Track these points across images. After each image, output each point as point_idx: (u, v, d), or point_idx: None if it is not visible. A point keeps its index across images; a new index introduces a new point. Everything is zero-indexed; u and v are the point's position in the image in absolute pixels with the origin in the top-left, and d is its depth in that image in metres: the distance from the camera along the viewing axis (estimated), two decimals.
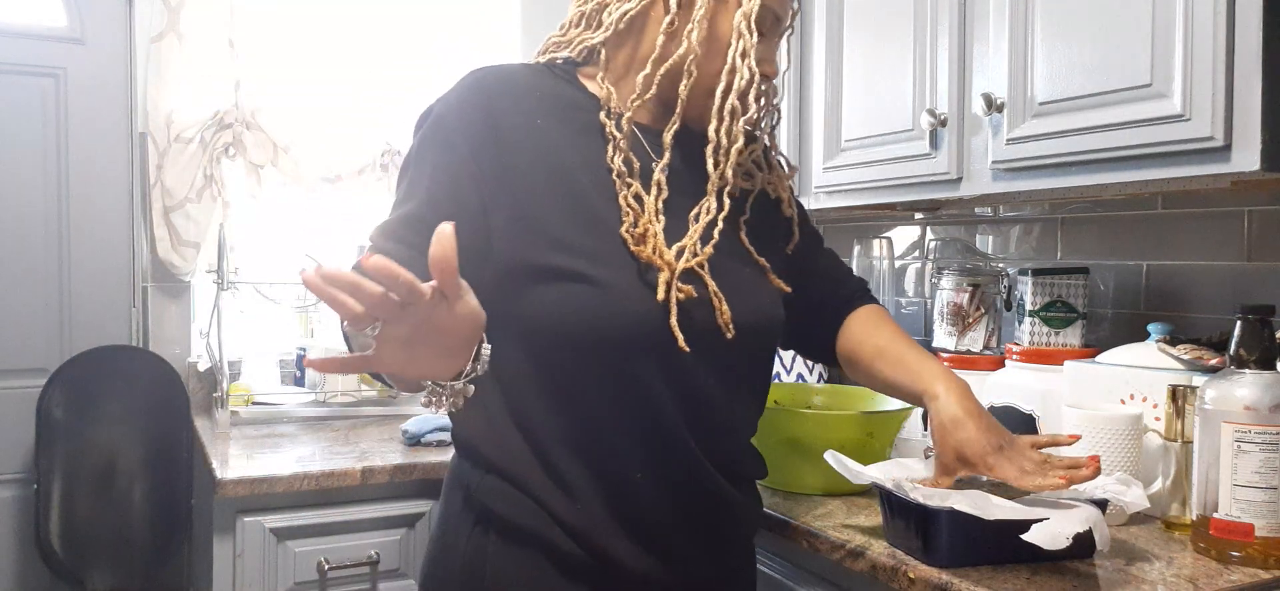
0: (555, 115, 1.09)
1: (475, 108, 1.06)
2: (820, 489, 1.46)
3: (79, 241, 2.43)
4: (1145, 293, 1.67)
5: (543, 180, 1.05)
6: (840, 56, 1.79)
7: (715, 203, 1.09)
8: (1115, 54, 1.26)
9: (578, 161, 1.07)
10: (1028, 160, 1.39)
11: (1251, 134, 1.12)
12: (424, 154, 1.07)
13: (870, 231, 2.26)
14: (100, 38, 2.43)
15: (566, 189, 1.05)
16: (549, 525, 1.05)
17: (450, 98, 1.09)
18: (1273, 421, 1.11)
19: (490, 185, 1.04)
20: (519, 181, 1.04)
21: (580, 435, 1.05)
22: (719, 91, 1.09)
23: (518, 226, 1.03)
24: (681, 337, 1.02)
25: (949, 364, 1.77)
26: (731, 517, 1.16)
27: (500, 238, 1.03)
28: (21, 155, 2.37)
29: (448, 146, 1.05)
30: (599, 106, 1.11)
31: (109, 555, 2.31)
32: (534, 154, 1.06)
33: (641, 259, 1.04)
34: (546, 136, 1.07)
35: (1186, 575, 1.11)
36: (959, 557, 1.12)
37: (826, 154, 1.83)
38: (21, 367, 2.38)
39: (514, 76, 1.11)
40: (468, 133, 1.05)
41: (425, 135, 1.08)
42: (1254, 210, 1.51)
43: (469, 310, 0.78)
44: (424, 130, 1.09)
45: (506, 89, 1.09)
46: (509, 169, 1.04)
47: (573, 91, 1.13)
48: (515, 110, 1.07)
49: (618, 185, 1.07)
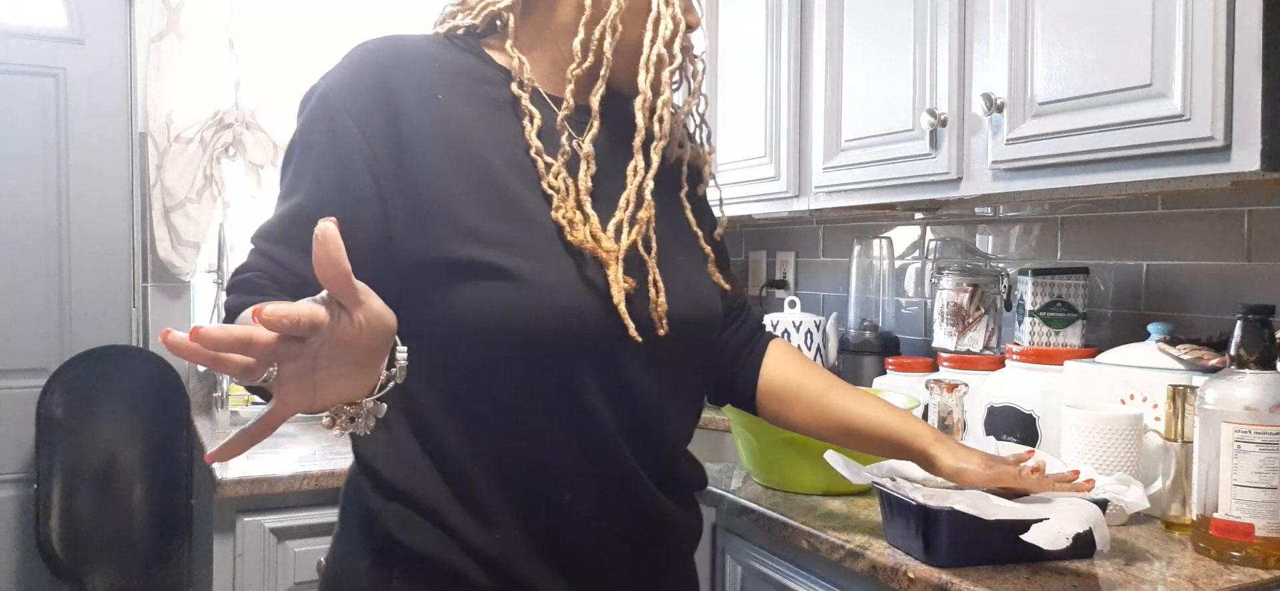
0: (459, 89, 0.97)
1: (366, 83, 0.94)
2: (820, 489, 1.46)
3: (79, 241, 2.43)
4: (1145, 292, 1.67)
5: (448, 162, 0.93)
6: (840, 56, 1.79)
7: (643, 160, 0.98)
8: (1115, 54, 1.26)
9: (488, 140, 0.95)
10: (1028, 160, 1.39)
11: (1251, 134, 1.12)
12: (310, 138, 0.94)
13: (870, 231, 2.26)
14: (100, 38, 2.43)
15: (476, 171, 0.93)
16: (461, 557, 0.93)
17: (336, 73, 0.96)
18: (1273, 421, 1.11)
19: (387, 170, 0.92)
20: (420, 164, 0.92)
21: (499, 453, 0.93)
22: (646, 41, 0.99)
23: (421, 216, 0.91)
24: (633, 328, 0.92)
25: (949, 364, 1.78)
26: (670, 536, 1.04)
27: (402, 229, 0.91)
28: (21, 155, 2.37)
29: (336, 128, 0.92)
30: (508, 79, 0.99)
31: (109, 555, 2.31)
32: (436, 133, 0.93)
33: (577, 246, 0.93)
34: (450, 113, 0.95)
35: (1186, 575, 1.11)
36: (959, 557, 1.12)
37: (826, 154, 1.83)
38: (21, 367, 2.39)
39: (410, 47, 0.98)
40: (358, 111, 0.92)
41: (310, 117, 0.94)
42: (1254, 210, 1.51)
43: (373, 314, 0.67)
44: (308, 111, 0.95)
45: (401, 60, 0.96)
46: (408, 150, 0.92)
47: (478, 63, 1.00)
48: (413, 84, 0.95)
49: (538, 165, 0.95)
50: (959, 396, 1.56)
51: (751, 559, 1.48)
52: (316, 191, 0.92)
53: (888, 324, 2.19)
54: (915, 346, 2.13)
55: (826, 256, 2.45)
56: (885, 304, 2.21)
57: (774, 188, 1.99)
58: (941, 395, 1.56)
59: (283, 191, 0.95)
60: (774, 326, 2.13)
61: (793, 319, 2.12)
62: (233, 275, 0.93)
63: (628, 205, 0.96)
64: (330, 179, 0.92)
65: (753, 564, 1.47)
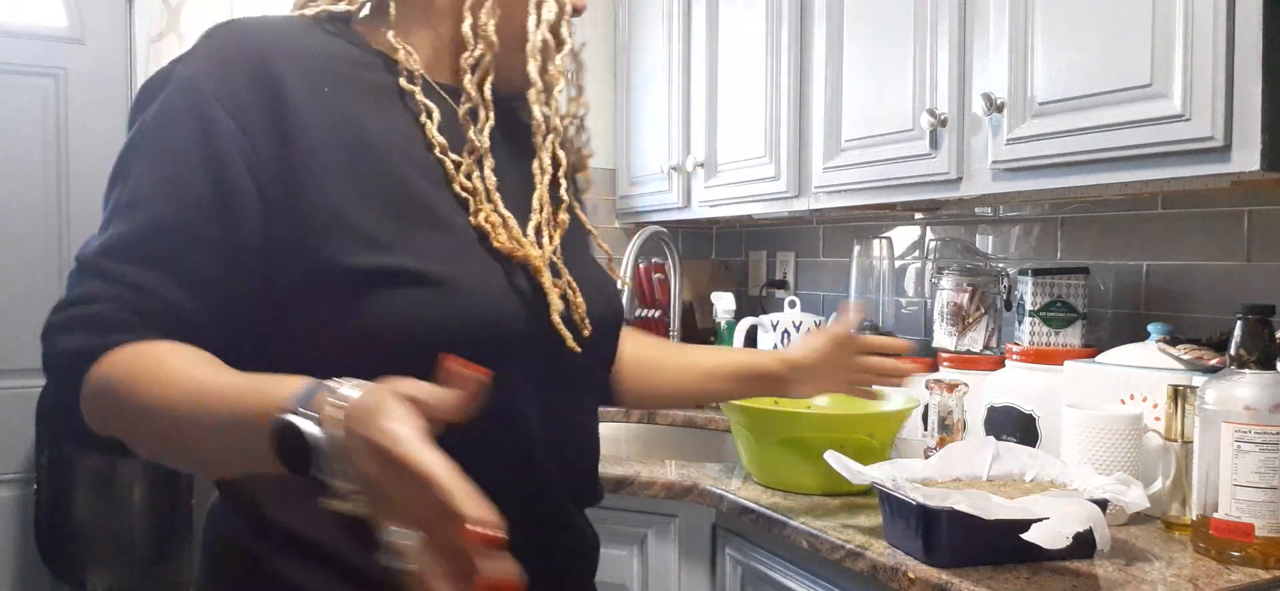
0: (341, 79, 0.86)
1: (242, 69, 0.81)
2: (820, 489, 1.46)
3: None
4: (1145, 292, 1.67)
5: (343, 162, 0.82)
6: (840, 56, 1.79)
7: (549, 159, 0.92)
8: (1115, 54, 1.26)
9: (382, 136, 0.85)
10: (1028, 160, 1.39)
11: (1251, 134, 1.12)
12: (167, 133, 0.79)
13: (870, 231, 2.26)
14: (100, 38, 2.43)
15: (376, 171, 0.83)
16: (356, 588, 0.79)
17: (200, 57, 0.82)
18: (1273, 421, 1.11)
19: (270, 170, 0.79)
20: (312, 165, 0.80)
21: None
22: (530, 26, 0.92)
23: (317, 222, 0.80)
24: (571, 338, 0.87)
25: (949, 364, 1.78)
26: (584, 556, 0.98)
27: (289, 238, 0.79)
28: (21, 155, 2.37)
29: (206, 121, 0.79)
30: (387, 66, 0.89)
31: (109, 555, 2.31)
32: (324, 127, 0.82)
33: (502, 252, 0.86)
34: (337, 105, 0.84)
35: (1186, 575, 1.11)
36: (959, 557, 1.12)
37: (826, 154, 1.83)
38: (21, 367, 2.38)
39: (283, 30, 0.86)
40: (234, 103, 0.79)
41: (167, 108, 0.80)
42: (1254, 210, 1.51)
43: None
44: (163, 101, 0.80)
45: (279, 45, 0.84)
46: (297, 148, 0.80)
47: (354, 50, 0.89)
48: (294, 72, 0.83)
49: (446, 164, 0.87)
50: (959, 396, 1.56)
51: (751, 559, 1.48)
52: (183, 196, 0.77)
53: (888, 324, 2.19)
54: (915, 346, 2.13)
55: (826, 256, 2.45)
56: (885, 304, 2.21)
57: (774, 188, 2.00)
58: (941, 395, 1.56)
59: (127, 197, 0.78)
60: (774, 326, 2.13)
61: (793, 319, 2.12)
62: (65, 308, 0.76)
63: (541, 207, 0.91)
64: (199, 181, 0.77)
65: (753, 564, 1.47)
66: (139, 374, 0.73)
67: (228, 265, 0.79)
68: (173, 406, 0.72)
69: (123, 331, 0.75)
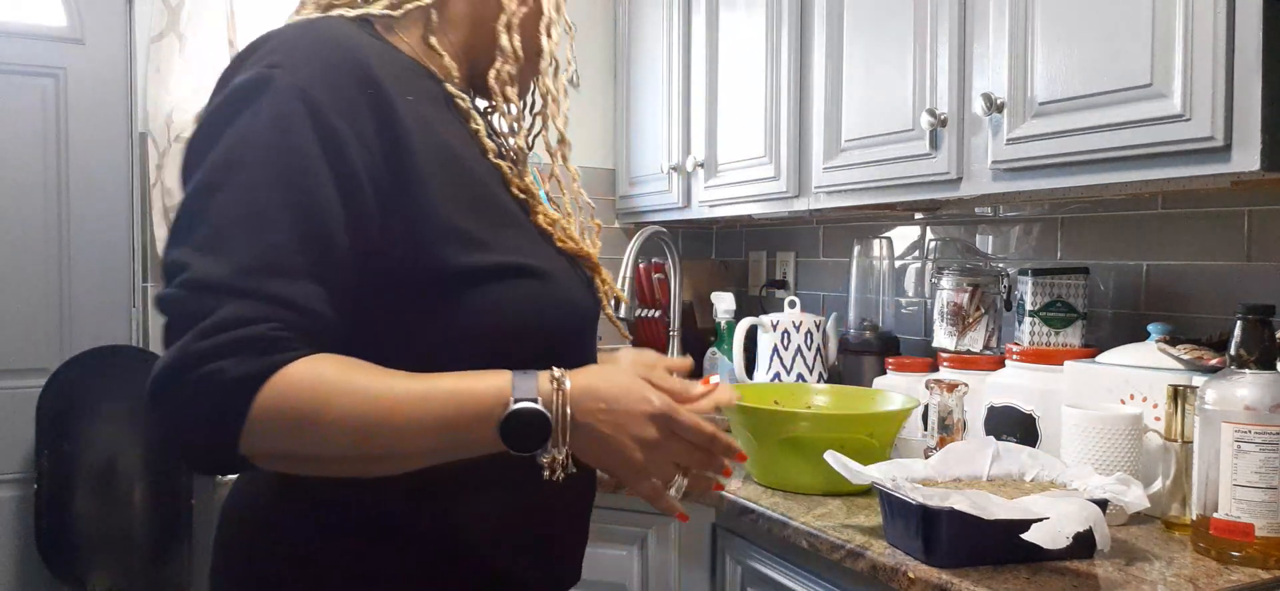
0: (411, 86, 0.89)
1: (348, 76, 0.82)
2: (820, 489, 1.46)
3: (79, 241, 2.43)
4: (1145, 292, 1.67)
5: (437, 164, 0.86)
6: (840, 56, 1.79)
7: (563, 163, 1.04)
8: (1115, 54, 1.26)
9: (455, 141, 0.90)
10: (1028, 160, 1.39)
11: (1251, 134, 1.12)
12: (290, 141, 0.78)
13: (870, 231, 2.26)
14: (100, 38, 2.43)
15: (461, 176, 0.88)
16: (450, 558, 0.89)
17: (302, 65, 0.81)
18: (1273, 421, 1.11)
19: (384, 178, 0.82)
20: (417, 170, 0.84)
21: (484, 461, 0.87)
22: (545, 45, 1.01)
23: (429, 225, 0.84)
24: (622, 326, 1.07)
25: (949, 364, 1.78)
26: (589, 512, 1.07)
27: (404, 241, 0.83)
28: (21, 155, 2.37)
29: (326, 130, 0.80)
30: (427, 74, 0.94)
31: (109, 555, 2.31)
32: (420, 134, 0.85)
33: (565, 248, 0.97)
34: (420, 112, 0.87)
35: (1186, 575, 1.11)
36: (959, 557, 1.12)
37: (826, 154, 1.83)
38: (21, 367, 2.38)
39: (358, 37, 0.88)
40: (349, 110, 0.81)
41: (282, 115, 0.79)
42: (1254, 210, 1.51)
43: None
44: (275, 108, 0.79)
45: (367, 52, 0.86)
46: (402, 154, 0.83)
47: (402, 56, 0.93)
48: (387, 79, 0.85)
49: (503, 169, 0.94)
50: (959, 396, 1.56)
51: (751, 559, 1.48)
52: (316, 209, 0.78)
53: (888, 324, 2.19)
54: (915, 346, 2.13)
55: (826, 256, 2.45)
56: (885, 304, 2.21)
57: (774, 188, 2.00)
58: (941, 395, 1.56)
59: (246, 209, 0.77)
60: (774, 326, 2.13)
61: (793, 319, 2.12)
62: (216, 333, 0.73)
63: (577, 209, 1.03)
64: (329, 194, 0.79)
65: (753, 564, 1.47)
66: (325, 390, 0.75)
67: (359, 273, 0.82)
68: (375, 415, 0.77)
69: (284, 351, 0.75)
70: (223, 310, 0.74)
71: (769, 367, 2.12)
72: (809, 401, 1.72)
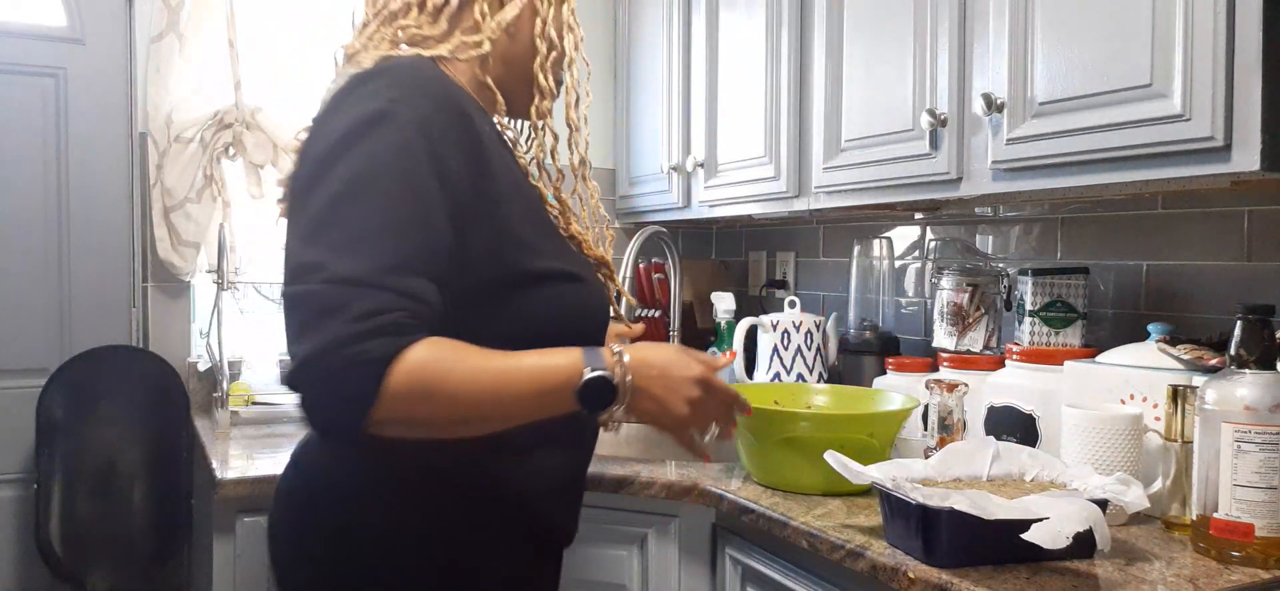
0: (485, 120, 1.10)
1: (454, 113, 1.02)
2: (820, 489, 1.46)
3: (79, 241, 2.43)
4: (1145, 292, 1.67)
5: (510, 184, 1.08)
6: (840, 56, 1.79)
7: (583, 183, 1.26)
8: (1115, 54, 1.26)
9: (512, 162, 1.14)
10: (1028, 160, 1.39)
11: (1251, 134, 1.12)
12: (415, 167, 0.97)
13: (870, 231, 2.26)
14: (100, 38, 2.43)
15: (522, 194, 1.11)
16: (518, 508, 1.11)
17: (420, 100, 1.00)
18: (1273, 421, 1.11)
19: (476, 199, 1.02)
20: (499, 191, 1.05)
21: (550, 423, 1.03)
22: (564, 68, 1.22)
23: (508, 236, 1.05)
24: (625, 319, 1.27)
25: (949, 364, 1.78)
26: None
27: (487, 249, 1.03)
28: (21, 155, 2.37)
29: (441, 160, 0.99)
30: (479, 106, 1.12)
31: (109, 555, 2.31)
32: (497, 159, 1.07)
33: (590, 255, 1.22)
34: (491, 138, 1.09)
35: (1186, 575, 1.11)
36: (959, 557, 1.12)
37: (826, 154, 1.83)
38: (21, 367, 2.38)
39: (448, 79, 1.09)
40: (459, 143, 1.01)
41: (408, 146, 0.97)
42: (1254, 210, 1.51)
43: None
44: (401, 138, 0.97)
45: (460, 93, 1.07)
46: (490, 180, 1.04)
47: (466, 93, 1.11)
48: (474, 113, 1.06)
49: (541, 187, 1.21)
50: (959, 396, 1.56)
51: (751, 559, 1.48)
52: (432, 225, 0.97)
53: (888, 324, 2.19)
54: (915, 346, 2.13)
55: (826, 256, 2.45)
56: (885, 304, 2.21)
57: (774, 188, 2.00)
58: (941, 395, 1.56)
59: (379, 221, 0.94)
60: (774, 326, 2.13)
61: (793, 319, 2.12)
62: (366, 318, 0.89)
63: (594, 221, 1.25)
64: (441, 214, 0.98)
65: (753, 564, 1.47)
66: (444, 366, 0.93)
67: (457, 275, 1.00)
68: (482, 385, 0.96)
69: (411, 334, 0.91)
70: (363, 301, 0.90)
71: (769, 367, 2.12)
72: (809, 401, 1.72)
